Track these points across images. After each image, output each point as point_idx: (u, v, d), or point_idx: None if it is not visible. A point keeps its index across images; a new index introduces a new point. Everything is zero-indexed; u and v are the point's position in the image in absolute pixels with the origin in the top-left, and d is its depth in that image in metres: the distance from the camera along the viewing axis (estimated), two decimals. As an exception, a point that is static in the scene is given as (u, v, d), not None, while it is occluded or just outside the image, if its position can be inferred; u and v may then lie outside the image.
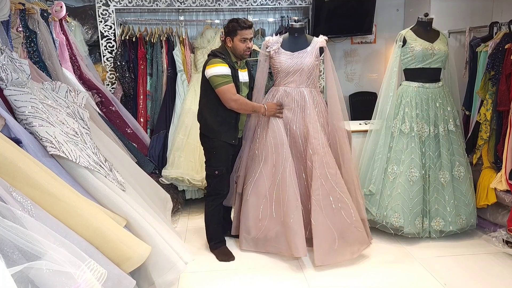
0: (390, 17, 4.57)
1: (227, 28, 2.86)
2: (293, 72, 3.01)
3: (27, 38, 2.72)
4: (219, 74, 2.77)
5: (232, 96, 2.80)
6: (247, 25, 2.83)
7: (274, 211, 2.97)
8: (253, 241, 3.05)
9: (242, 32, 2.82)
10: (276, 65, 3.06)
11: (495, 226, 3.21)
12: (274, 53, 3.05)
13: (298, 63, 3.00)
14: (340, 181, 2.91)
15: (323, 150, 2.91)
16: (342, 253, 2.85)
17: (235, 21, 2.83)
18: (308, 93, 3.03)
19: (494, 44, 3.22)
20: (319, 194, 2.86)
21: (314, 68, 3.03)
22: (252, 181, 3.04)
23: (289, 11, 4.35)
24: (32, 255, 1.29)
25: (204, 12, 4.25)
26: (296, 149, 3.03)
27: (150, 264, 1.94)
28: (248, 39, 2.85)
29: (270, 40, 3.10)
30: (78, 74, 3.33)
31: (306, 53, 3.03)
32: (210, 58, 2.86)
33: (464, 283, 2.65)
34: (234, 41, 2.85)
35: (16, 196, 1.47)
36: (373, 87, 4.68)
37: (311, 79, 3.05)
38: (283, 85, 3.07)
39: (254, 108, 2.94)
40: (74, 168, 1.91)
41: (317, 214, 2.84)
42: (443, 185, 3.16)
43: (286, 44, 3.09)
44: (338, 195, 2.87)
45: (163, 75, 3.92)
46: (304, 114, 3.00)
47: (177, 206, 3.83)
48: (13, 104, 1.92)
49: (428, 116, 3.18)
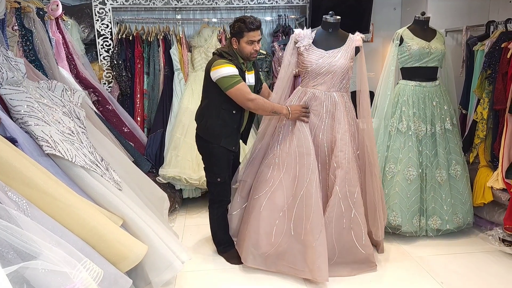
0: (388, 16, 4.57)
1: (233, 28, 2.62)
2: (324, 74, 2.70)
3: (23, 37, 2.70)
4: (228, 75, 2.54)
5: (247, 96, 2.56)
6: (255, 26, 2.57)
7: (293, 228, 2.65)
8: (261, 257, 2.71)
9: (249, 34, 2.57)
10: (306, 63, 2.72)
11: (492, 225, 3.22)
12: (305, 50, 2.72)
13: (331, 63, 2.69)
14: (358, 201, 2.67)
15: (348, 166, 2.64)
16: (337, 270, 2.68)
17: (242, 21, 2.57)
18: (339, 98, 2.74)
19: (490, 43, 3.22)
20: (333, 212, 2.62)
21: (348, 70, 2.74)
22: (268, 192, 2.72)
23: (287, 10, 4.34)
24: (28, 254, 1.29)
25: (201, 10, 4.24)
26: (320, 159, 2.74)
27: (147, 264, 1.94)
28: (256, 41, 2.61)
29: (301, 34, 2.73)
30: (75, 73, 3.32)
31: (340, 52, 2.72)
32: (215, 58, 2.63)
33: (461, 281, 2.66)
34: (240, 43, 2.61)
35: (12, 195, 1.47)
36: (370, 86, 4.63)
37: (344, 83, 2.76)
38: (311, 87, 2.76)
39: (274, 109, 2.65)
40: (70, 167, 1.91)
41: (325, 228, 2.61)
42: (440, 184, 3.17)
43: (318, 40, 2.75)
44: (353, 215, 2.64)
45: (160, 74, 3.91)
46: (333, 122, 2.72)
47: (174, 205, 3.82)
48: (8, 103, 1.91)
49: (425, 114, 3.18)
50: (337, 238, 2.66)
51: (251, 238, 2.72)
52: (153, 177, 3.56)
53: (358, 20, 4.25)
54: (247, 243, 2.73)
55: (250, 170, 2.91)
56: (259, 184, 2.79)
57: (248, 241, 2.73)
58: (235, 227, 3.00)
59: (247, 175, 2.93)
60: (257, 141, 2.95)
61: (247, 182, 2.93)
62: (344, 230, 2.66)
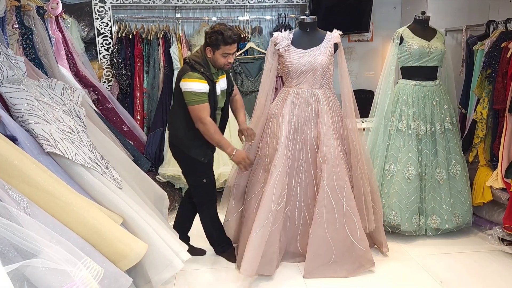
0: (387, 15, 4.57)
1: (209, 38, 2.53)
2: (305, 72, 2.76)
3: (22, 35, 2.70)
4: (195, 91, 2.50)
5: (203, 118, 2.53)
6: (232, 40, 2.51)
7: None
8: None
9: (226, 47, 2.51)
10: (287, 64, 2.79)
11: (491, 224, 3.22)
12: (284, 51, 2.78)
13: (311, 61, 2.74)
14: (349, 194, 2.68)
15: (334, 160, 2.68)
16: (336, 270, 2.68)
17: (220, 34, 2.49)
18: (322, 95, 2.79)
19: (490, 43, 3.22)
20: (323, 206, 2.64)
21: (329, 66, 2.78)
22: (260, 192, 2.77)
23: (286, 9, 4.34)
24: (28, 253, 1.29)
25: (201, 9, 4.24)
26: (311, 157, 2.78)
27: (147, 262, 1.94)
28: (230, 54, 2.56)
29: (279, 36, 2.80)
30: (74, 71, 3.32)
31: (319, 50, 2.77)
32: (187, 69, 2.56)
33: (460, 280, 2.67)
34: (215, 54, 2.55)
35: (12, 194, 1.47)
36: (370, 85, 4.67)
37: (326, 79, 2.80)
38: (294, 86, 2.81)
39: (220, 143, 2.61)
40: (70, 166, 1.91)
41: (317, 227, 2.65)
42: (439, 183, 3.17)
43: (297, 40, 2.81)
44: (344, 209, 2.65)
45: (160, 73, 3.91)
46: (318, 118, 2.77)
47: (174, 204, 3.82)
48: (8, 102, 1.91)
49: (425, 114, 3.18)
50: (331, 235, 2.66)
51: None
52: (153, 176, 3.56)
53: (358, 19, 4.26)
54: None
55: (242, 173, 2.90)
56: (253, 185, 2.83)
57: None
58: (234, 232, 2.99)
59: (240, 178, 2.95)
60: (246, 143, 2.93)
61: (241, 185, 2.94)
62: (337, 225, 2.66)
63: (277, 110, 2.85)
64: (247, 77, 4.04)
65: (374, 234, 2.96)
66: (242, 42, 4.01)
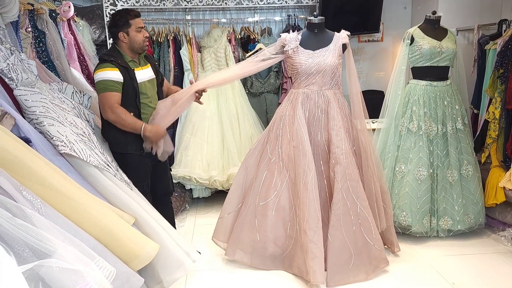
0: (398, 15, 4.54)
1: (115, 25, 2.51)
2: (315, 73, 2.75)
3: (36, 38, 2.74)
4: (102, 79, 2.42)
5: (111, 106, 2.42)
6: (134, 13, 2.54)
7: (296, 229, 2.69)
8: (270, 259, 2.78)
9: (135, 21, 2.52)
10: (296, 65, 2.77)
11: (504, 225, 3.18)
12: (293, 52, 2.77)
13: (320, 62, 2.73)
14: (362, 195, 2.68)
15: (346, 161, 2.67)
16: (356, 274, 2.63)
17: (121, 14, 2.52)
18: (332, 96, 2.78)
19: (503, 42, 3.19)
20: (339, 209, 2.62)
21: (338, 67, 2.78)
22: (277, 196, 2.75)
23: (296, 10, 4.34)
24: (42, 253, 1.31)
25: (211, 11, 4.25)
26: (320, 158, 2.77)
27: (158, 263, 1.95)
28: (142, 28, 2.55)
29: (287, 37, 2.79)
30: (86, 74, 3.36)
31: (328, 51, 2.76)
32: (97, 64, 2.52)
33: (473, 282, 2.64)
34: (130, 34, 2.51)
35: (26, 194, 1.49)
36: (380, 86, 4.65)
37: (335, 80, 2.80)
38: (303, 88, 2.80)
39: (135, 124, 2.47)
40: (84, 167, 1.93)
41: (336, 230, 2.61)
42: (451, 184, 3.14)
43: (305, 41, 2.80)
44: (359, 210, 2.64)
45: (170, 74, 3.93)
46: (327, 120, 2.76)
47: (185, 205, 3.84)
48: (23, 104, 1.94)
49: (436, 114, 3.16)
50: (349, 237, 2.63)
51: (260, 240, 2.75)
52: (164, 177, 3.57)
53: (368, 19, 4.24)
54: (256, 245, 2.76)
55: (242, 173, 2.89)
56: (267, 189, 2.78)
57: (256, 243, 2.76)
58: (228, 230, 2.90)
59: (240, 177, 2.91)
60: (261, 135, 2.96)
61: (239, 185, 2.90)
62: (353, 226, 2.64)
63: (288, 112, 2.84)
64: (257, 78, 4.05)
65: (385, 234, 2.94)
66: (252, 44, 4.02)
